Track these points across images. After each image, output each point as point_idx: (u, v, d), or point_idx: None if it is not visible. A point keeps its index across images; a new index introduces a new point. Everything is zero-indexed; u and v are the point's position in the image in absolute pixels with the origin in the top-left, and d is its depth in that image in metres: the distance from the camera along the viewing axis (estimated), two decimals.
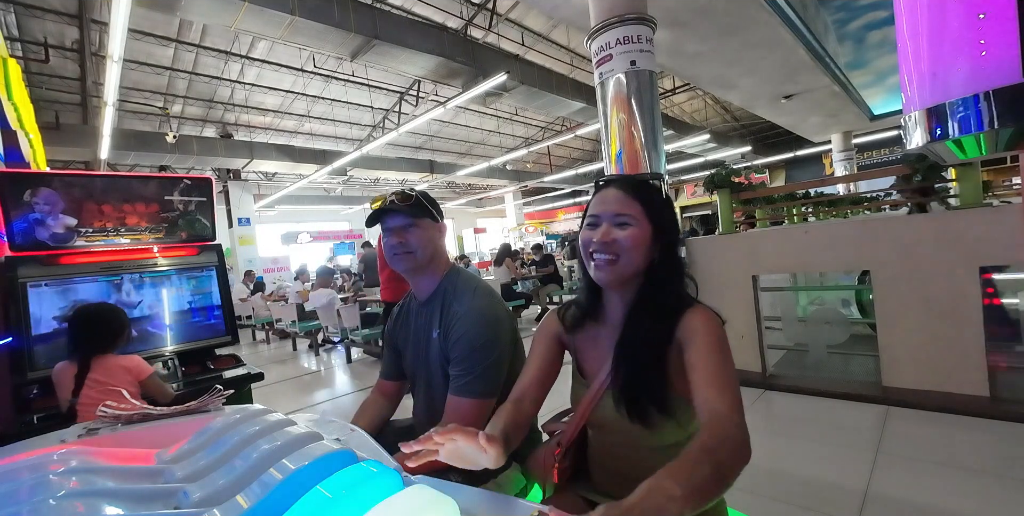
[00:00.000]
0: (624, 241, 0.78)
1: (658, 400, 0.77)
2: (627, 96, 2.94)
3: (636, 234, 0.79)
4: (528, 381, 0.88)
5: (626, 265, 0.79)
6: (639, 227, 0.79)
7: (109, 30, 3.81)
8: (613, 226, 0.80)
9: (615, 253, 0.78)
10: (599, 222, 0.81)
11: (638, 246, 0.79)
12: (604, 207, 0.81)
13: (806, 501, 1.66)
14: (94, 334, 1.62)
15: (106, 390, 1.51)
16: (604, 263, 0.79)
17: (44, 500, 0.51)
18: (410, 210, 1.13)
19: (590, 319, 0.89)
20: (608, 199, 0.82)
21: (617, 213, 0.80)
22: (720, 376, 0.69)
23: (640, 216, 0.79)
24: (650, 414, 0.77)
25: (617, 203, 0.81)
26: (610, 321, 0.87)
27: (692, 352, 0.73)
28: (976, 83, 0.44)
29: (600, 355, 0.86)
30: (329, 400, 3.68)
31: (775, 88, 6.57)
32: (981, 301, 2.23)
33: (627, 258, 0.78)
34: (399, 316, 1.30)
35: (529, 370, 0.90)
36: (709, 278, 3.12)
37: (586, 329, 0.90)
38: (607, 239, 0.79)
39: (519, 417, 0.81)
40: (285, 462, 0.56)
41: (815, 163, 13.78)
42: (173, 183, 2.26)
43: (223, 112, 9.20)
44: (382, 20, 5.09)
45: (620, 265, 0.79)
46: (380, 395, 1.31)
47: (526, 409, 0.84)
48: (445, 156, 13.38)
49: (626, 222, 0.79)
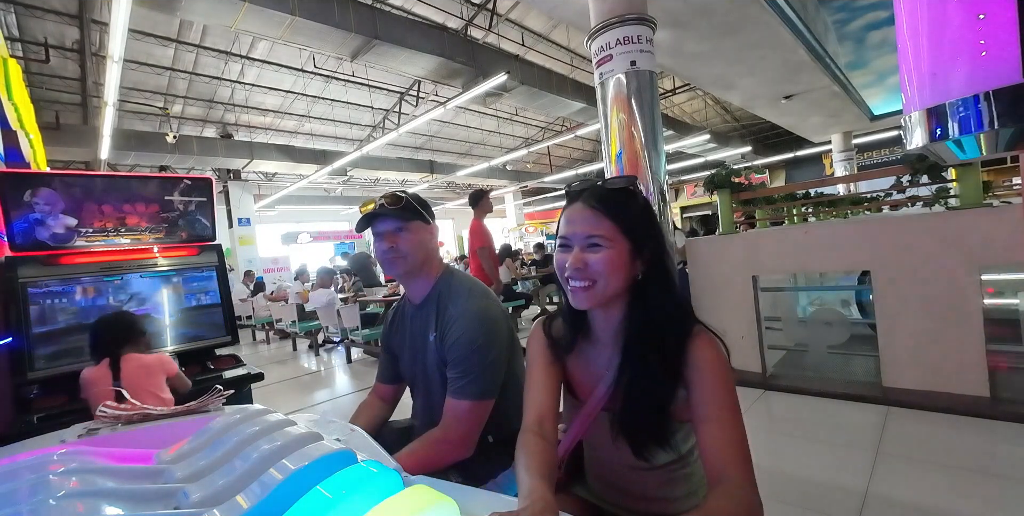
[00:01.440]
0: (597, 264, 0.72)
1: (659, 437, 0.75)
2: (627, 96, 2.94)
3: (611, 257, 0.72)
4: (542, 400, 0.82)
5: (603, 289, 0.73)
6: (613, 248, 0.72)
7: (109, 30, 3.81)
8: (585, 249, 0.73)
9: (590, 279, 0.72)
10: (570, 244, 0.75)
11: (615, 269, 0.72)
12: (572, 228, 0.74)
13: (806, 501, 1.66)
14: (114, 336, 1.68)
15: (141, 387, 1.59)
16: (579, 289, 0.73)
17: (44, 500, 0.51)
18: (400, 213, 1.11)
19: (580, 337, 0.84)
20: (575, 218, 0.75)
21: (587, 235, 0.73)
22: (732, 438, 0.66)
23: (613, 235, 0.72)
24: (650, 447, 0.75)
25: (585, 223, 0.73)
26: (600, 340, 0.82)
27: (701, 399, 0.69)
28: (976, 83, 0.44)
29: (592, 375, 0.82)
30: (329, 400, 3.68)
31: (775, 88, 6.57)
32: (981, 301, 2.23)
33: (604, 282, 0.72)
34: (394, 320, 1.29)
35: (541, 389, 0.83)
36: (709, 278, 3.12)
37: (576, 348, 0.85)
38: (579, 265, 0.72)
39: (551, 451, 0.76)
40: (285, 462, 0.56)
41: (815, 163, 13.78)
42: (173, 183, 2.26)
43: (223, 112, 9.21)
44: (382, 20, 5.09)
45: (597, 290, 0.73)
46: (377, 398, 1.30)
47: (548, 433, 0.79)
48: (445, 156, 13.38)
49: (597, 243, 0.72)
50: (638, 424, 0.75)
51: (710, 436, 0.67)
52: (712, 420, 0.67)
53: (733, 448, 0.65)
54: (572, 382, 0.86)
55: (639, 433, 0.75)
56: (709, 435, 0.67)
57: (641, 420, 0.74)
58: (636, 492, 0.83)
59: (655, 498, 0.82)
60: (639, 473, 0.80)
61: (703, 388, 0.69)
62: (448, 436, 1.02)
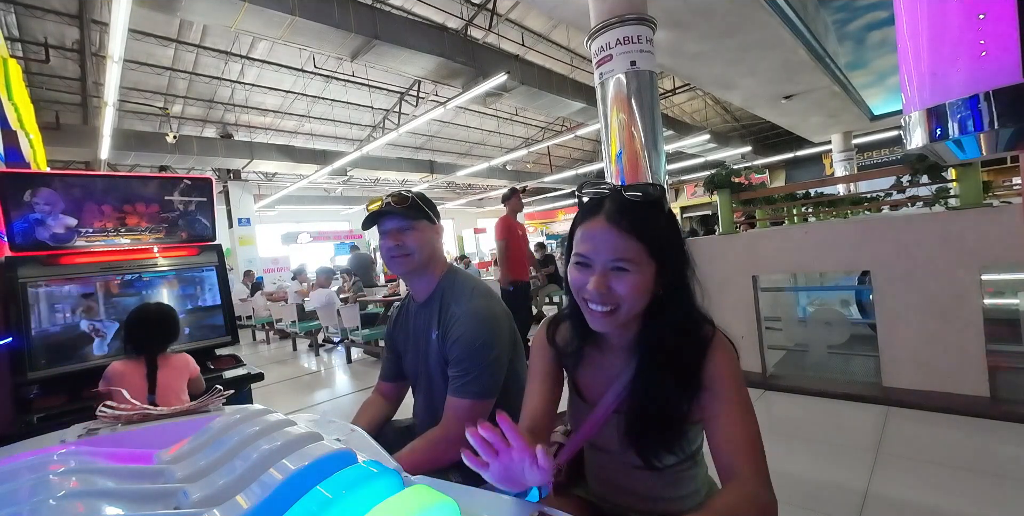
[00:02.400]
0: (623, 289, 0.66)
1: (669, 443, 0.74)
2: (627, 96, 2.94)
3: (637, 282, 0.67)
4: (539, 413, 0.80)
5: (627, 313, 0.69)
6: (640, 273, 0.67)
7: (109, 30, 3.82)
8: (608, 271, 0.67)
9: (614, 304, 0.68)
10: (591, 265, 0.68)
11: (641, 293, 0.68)
12: (595, 248, 0.68)
13: (806, 501, 1.66)
14: (162, 333, 1.66)
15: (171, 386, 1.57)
16: (600, 314, 0.69)
17: (44, 500, 0.51)
18: (407, 212, 1.12)
19: (588, 345, 0.81)
20: (599, 237, 0.67)
21: (613, 258, 0.66)
22: (746, 437, 0.66)
23: (642, 258, 0.66)
24: (659, 453, 0.74)
25: (611, 246, 0.67)
26: (612, 347, 0.79)
27: (715, 400, 0.69)
28: (976, 83, 0.44)
29: (603, 379, 0.79)
30: (329, 400, 3.68)
31: (775, 88, 6.57)
32: (981, 301, 2.23)
33: (628, 307, 0.68)
34: (398, 318, 1.31)
35: (538, 399, 0.81)
36: (709, 278, 3.10)
37: (584, 354, 0.82)
38: (602, 289, 0.67)
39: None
40: (285, 462, 0.56)
41: (815, 163, 13.78)
42: (173, 183, 2.26)
43: (223, 112, 9.21)
44: (382, 20, 5.09)
45: (620, 315, 0.69)
46: (380, 396, 1.31)
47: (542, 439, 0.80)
48: (445, 156, 13.38)
49: (623, 268, 0.66)
50: (651, 431, 0.74)
51: (724, 434, 0.67)
52: (725, 419, 0.68)
53: (747, 445, 0.65)
54: (579, 385, 0.84)
55: (651, 440, 0.74)
56: (723, 433, 0.67)
57: (655, 428, 0.73)
58: (642, 492, 0.83)
59: (661, 498, 0.82)
60: (646, 473, 0.79)
61: (718, 391, 0.70)
62: (448, 435, 1.02)
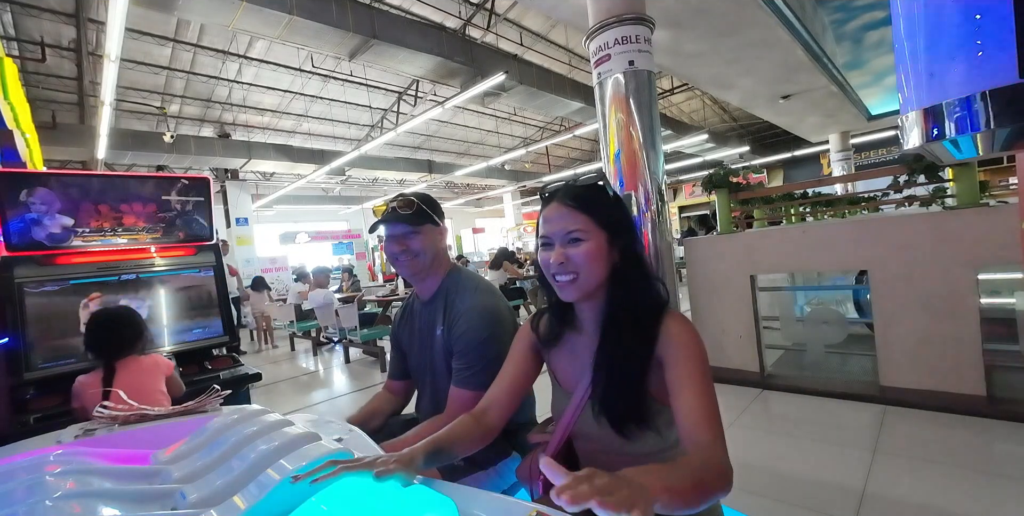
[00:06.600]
0: (579, 257, 0.77)
1: (638, 413, 0.77)
2: (625, 96, 2.94)
3: (591, 248, 0.77)
4: (498, 391, 0.89)
5: (588, 279, 0.78)
6: (592, 239, 0.77)
7: (106, 29, 3.79)
8: (566, 244, 0.78)
9: (574, 271, 0.77)
10: (552, 242, 0.80)
11: (596, 259, 0.77)
12: (551, 226, 0.80)
13: (804, 500, 1.67)
14: (117, 338, 1.58)
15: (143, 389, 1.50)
16: (566, 283, 0.78)
17: (40, 501, 0.51)
18: (412, 218, 1.14)
19: (566, 329, 0.88)
20: (553, 216, 0.80)
21: (566, 230, 0.78)
22: (705, 406, 0.69)
23: (590, 227, 0.78)
24: (630, 425, 0.78)
25: (563, 220, 0.78)
26: (586, 330, 0.86)
27: (675, 372, 0.73)
28: (973, 83, 0.44)
29: (579, 366, 0.85)
30: (327, 400, 3.67)
31: (773, 88, 6.57)
32: (978, 300, 2.24)
33: (586, 273, 0.77)
34: (403, 316, 1.33)
35: (502, 381, 0.90)
36: (707, 278, 3.12)
37: (562, 340, 0.89)
38: (562, 259, 0.77)
39: (475, 430, 0.82)
40: (283, 462, 0.56)
41: (813, 163, 13.81)
42: (170, 183, 2.25)
43: (221, 112, 9.17)
44: (380, 20, 5.08)
45: (581, 281, 0.78)
46: (388, 392, 1.34)
47: (489, 422, 0.85)
48: (443, 156, 13.36)
49: (577, 237, 0.77)
50: (616, 399, 0.78)
51: (684, 405, 0.70)
52: (685, 390, 0.71)
53: (705, 414, 0.69)
54: (559, 376, 0.90)
55: (616, 409, 0.78)
56: (683, 404, 0.70)
57: (618, 394, 0.78)
58: None
59: None
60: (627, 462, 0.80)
61: (676, 362, 0.73)
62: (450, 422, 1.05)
